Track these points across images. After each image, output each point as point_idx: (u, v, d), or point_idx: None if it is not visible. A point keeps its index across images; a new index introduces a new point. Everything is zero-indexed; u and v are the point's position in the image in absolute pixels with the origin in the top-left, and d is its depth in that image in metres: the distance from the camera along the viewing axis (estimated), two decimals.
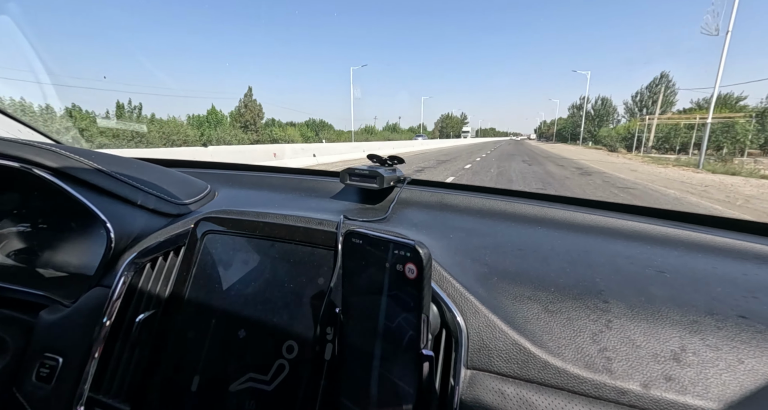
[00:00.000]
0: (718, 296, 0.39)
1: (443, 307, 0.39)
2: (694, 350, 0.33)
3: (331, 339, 0.41)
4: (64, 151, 0.54)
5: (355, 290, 0.35)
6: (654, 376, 0.32)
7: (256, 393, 0.41)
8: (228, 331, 0.44)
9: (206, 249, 0.49)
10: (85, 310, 0.49)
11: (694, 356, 0.33)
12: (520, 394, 0.34)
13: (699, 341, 0.34)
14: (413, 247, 0.30)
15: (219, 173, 0.95)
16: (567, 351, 0.35)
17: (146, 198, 0.57)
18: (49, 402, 0.45)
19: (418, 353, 0.30)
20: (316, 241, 0.45)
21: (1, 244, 0.64)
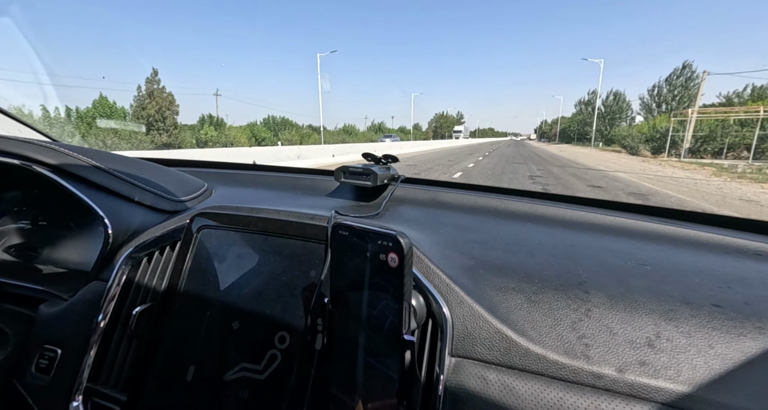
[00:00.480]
0: (695, 287, 0.41)
1: (429, 298, 0.40)
2: (668, 336, 0.35)
3: (322, 330, 0.42)
4: (63, 149, 0.55)
5: (343, 280, 0.36)
6: (629, 361, 0.34)
7: (249, 382, 0.43)
8: (222, 323, 0.46)
9: (201, 243, 0.50)
10: (83, 303, 0.50)
11: (668, 342, 0.34)
12: (502, 380, 0.35)
13: (673, 328, 0.35)
14: (395, 237, 0.31)
15: (216, 172, 0.96)
16: (547, 338, 0.37)
17: (144, 195, 0.59)
18: (48, 392, 0.47)
19: (401, 339, 0.32)
20: (308, 235, 0.47)
21: (1, 240, 0.65)
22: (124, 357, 0.47)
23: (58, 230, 0.65)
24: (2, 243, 0.65)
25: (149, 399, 0.44)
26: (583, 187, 7.06)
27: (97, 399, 0.45)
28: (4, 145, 0.52)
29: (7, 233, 0.66)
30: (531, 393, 0.34)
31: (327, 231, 0.46)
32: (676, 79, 32.40)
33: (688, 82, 31.51)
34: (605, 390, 0.33)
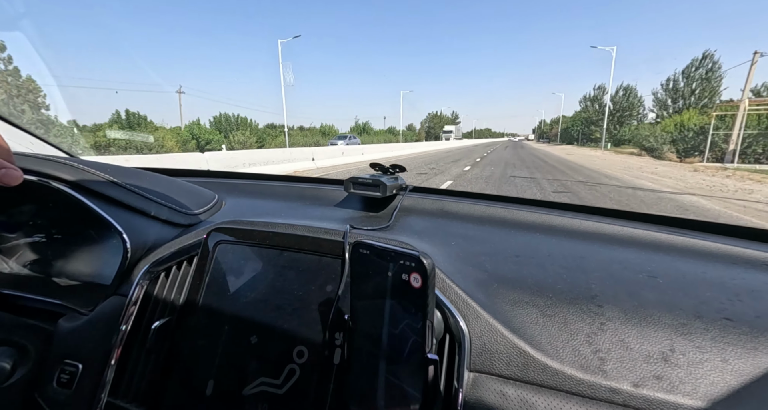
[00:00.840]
0: (706, 300, 0.41)
1: (446, 313, 0.41)
2: (683, 351, 0.35)
3: (340, 344, 0.43)
4: (80, 165, 0.56)
5: (363, 297, 0.37)
6: (645, 376, 0.34)
7: (268, 396, 0.43)
8: (240, 337, 0.46)
9: (218, 258, 0.51)
10: (102, 318, 0.51)
11: (683, 357, 0.35)
12: (521, 395, 0.36)
13: (688, 343, 0.36)
14: (418, 258, 0.32)
15: (224, 182, 0.97)
16: (563, 353, 0.37)
17: (159, 209, 0.60)
18: (69, 406, 0.47)
19: (424, 357, 0.32)
20: (323, 250, 0.48)
21: (18, 255, 0.66)
22: (143, 372, 0.48)
23: (76, 245, 0.66)
24: (19, 257, 0.66)
25: None
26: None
27: None
28: (23, 162, 0.53)
29: (25, 247, 0.67)
30: (551, 407, 0.35)
31: (342, 245, 0.47)
32: (694, 71, 27.68)
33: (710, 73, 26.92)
34: (622, 405, 0.34)
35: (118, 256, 0.54)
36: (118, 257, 0.54)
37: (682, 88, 28.60)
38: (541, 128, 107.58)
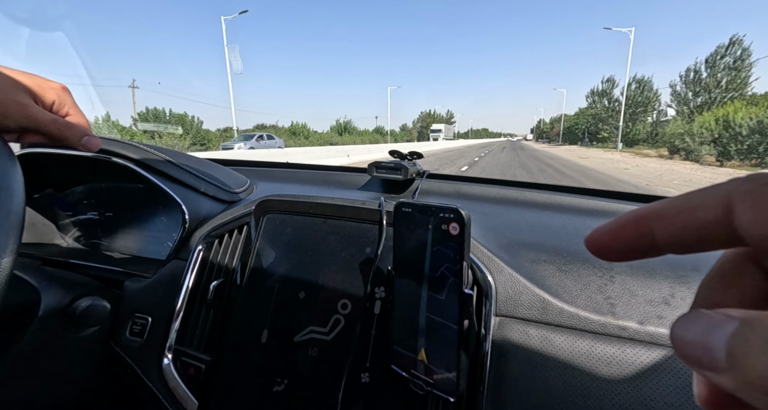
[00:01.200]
0: (703, 257, 0.47)
1: (474, 268, 0.47)
2: (681, 296, 0.41)
3: (380, 298, 0.49)
4: (141, 145, 0.63)
5: (406, 249, 0.43)
6: (648, 316, 0.40)
7: (317, 342, 0.50)
8: (289, 293, 0.53)
9: (266, 226, 0.57)
10: (166, 278, 0.57)
11: (681, 300, 0.41)
12: (541, 333, 0.42)
13: (686, 289, 0.42)
14: (456, 209, 0.38)
15: (250, 169, 1.04)
16: (578, 300, 0.43)
17: (208, 186, 0.66)
18: (142, 352, 0.54)
19: (461, 292, 0.38)
20: (362, 217, 0.54)
21: (75, 231, 0.72)
22: (204, 324, 0.54)
23: (128, 222, 0.73)
24: (76, 233, 0.73)
25: (229, 358, 0.51)
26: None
27: (185, 359, 0.52)
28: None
29: (82, 224, 0.74)
30: (566, 343, 0.41)
31: (380, 213, 0.53)
32: (719, 60, 24.14)
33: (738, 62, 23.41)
34: (629, 339, 0.40)
35: (167, 232, 0.61)
36: (166, 233, 0.61)
37: (705, 78, 24.91)
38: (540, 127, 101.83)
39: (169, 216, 0.72)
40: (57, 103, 0.44)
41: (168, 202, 0.63)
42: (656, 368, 0.37)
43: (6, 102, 0.39)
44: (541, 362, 0.41)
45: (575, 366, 0.40)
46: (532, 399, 0.40)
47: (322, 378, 0.48)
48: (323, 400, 0.47)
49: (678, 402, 0.36)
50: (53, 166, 0.67)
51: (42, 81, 0.43)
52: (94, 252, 0.70)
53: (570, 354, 0.40)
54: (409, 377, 0.43)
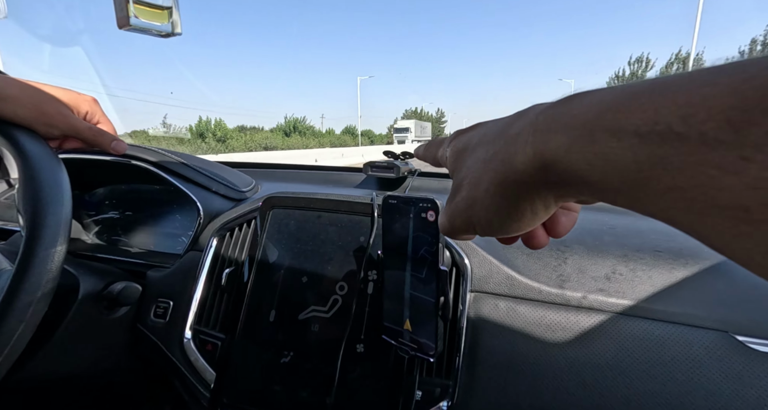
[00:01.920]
0: (648, 240, 0.55)
1: (453, 252, 0.55)
2: (621, 272, 0.49)
3: (372, 279, 0.57)
4: (158, 150, 0.70)
5: (392, 236, 0.51)
6: (592, 289, 0.48)
7: (318, 319, 0.57)
8: (294, 278, 0.60)
9: (272, 220, 0.65)
10: (184, 267, 0.65)
11: (621, 276, 0.49)
12: (509, 305, 0.50)
13: (624, 266, 0.50)
14: (432, 199, 0.46)
15: (256, 171, 1.11)
16: (540, 277, 0.51)
17: (218, 186, 0.74)
18: (165, 331, 0.61)
19: (437, 270, 0.46)
20: (356, 210, 0.61)
21: (97, 229, 0.80)
22: (219, 306, 0.62)
23: (151, 220, 0.81)
24: (98, 230, 0.80)
25: (242, 335, 0.59)
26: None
27: (203, 336, 0.60)
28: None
29: (104, 222, 0.81)
30: (528, 313, 0.49)
31: (371, 207, 0.61)
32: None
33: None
34: (575, 307, 0.47)
35: (182, 229, 0.69)
36: (181, 230, 0.69)
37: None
38: None
39: (183, 215, 0.80)
40: (89, 113, 0.51)
41: (182, 201, 0.71)
42: (596, 330, 0.45)
43: (52, 114, 0.46)
44: (507, 328, 0.49)
45: (535, 331, 0.47)
46: (500, 358, 0.48)
47: (323, 350, 0.55)
48: (324, 369, 0.54)
49: (612, 353, 0.43)
50: (78, 169, 0.75)
51: (76, 94, 0.51)
52: (117, 248, 0.78)
53: (531, 321, 0.48)
54: (397, 344, 0.50)
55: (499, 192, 0.19)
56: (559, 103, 0.17)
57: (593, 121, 0.14)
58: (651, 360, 0.42)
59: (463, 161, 0.23)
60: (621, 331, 0.44)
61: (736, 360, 0.40)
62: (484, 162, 0.20)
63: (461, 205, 0.22)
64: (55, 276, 0.39)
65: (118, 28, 0.54)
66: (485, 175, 0.20)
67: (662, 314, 0.44)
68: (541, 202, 0.19)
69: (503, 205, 0.20)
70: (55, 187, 0.41)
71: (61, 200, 0.41)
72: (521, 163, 0.17)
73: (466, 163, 0.23)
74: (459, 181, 0.23)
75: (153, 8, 0.57)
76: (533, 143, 0.17)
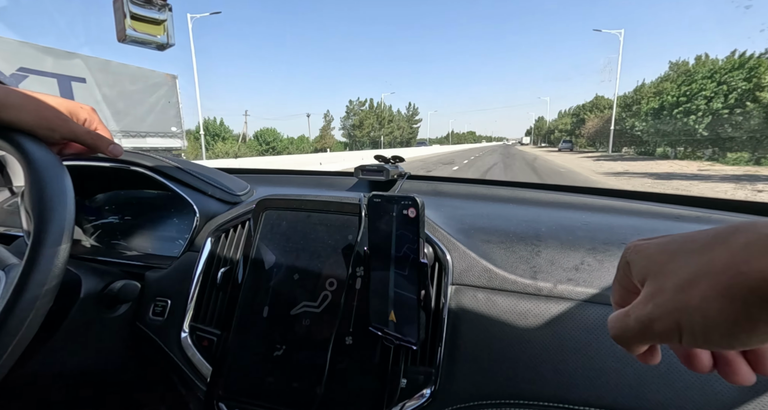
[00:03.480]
0: (617, 236, 0.59)
1: (436, 248, 0.59)
2: (589, 263, 0.53)
3: (360, 275, 0.60)
4: (153, 155, 0.74)
5: (378, 233, 0.54)
6: (561, 279, 0.52)
7: (309, 314, 0.60)
8: (286, 275, 0.63)
9: (265, 221, 0.68)
10: (181, 267, 0.68)
11: (588, 266, 0.52)
12: (487, 296, 0.53)
13: (592, 258, 0.53)
14: (412, 197, 0.49)
15: (251, 176, 1.15)
16: (515, 270, 0.55)
17: (214, 190, 0.77)
18: (163, 328, 0.64)
19: (418, 263, 0.49)
20: (345, 211, 0.65)
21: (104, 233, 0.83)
22: (215, 304, 0.65)
23: (148, 224, 0.84)
24: (97, 234, 0.83)
25: (237, 331, 0.62)
26: None
27: (200, 333, 0.63)
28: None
29: (103, 227, 0.84)
30: (504, 302, 0.52)
31: (359, 207, 0.64)
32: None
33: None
34: (545, 296, 0.51)
35: (179, 232, 0.72)
36: (178, 233, 0.72)
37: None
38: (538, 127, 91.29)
39: (180, 219, 0.83)
40: (88, 120, 0.55)
41: (178, 205, 0.74)
42: (564, 316, 0.48)
43: (53, 119, 0.49)
44: (485, 317, 0.52)
45: (510, 319, 0.51)
46: (478, 345, 0.51)
47: (313, 343, 0.58)
48: (315, 360, 0.57)
49: (579, 337, 0.47)
50: (79, 176, 0.78)
51: (75, 103, 0.54)
52: (116, 251, 0.80)
53: (506, 310, 0.51)
54: (383, 335, 0.54)
55: (720, 300, 0.18)
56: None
57: None
58: (613, 342, 0.45)
59: (660, 266, 0.22)
60: (587, 317, 0.48)
61: None
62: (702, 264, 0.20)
63: (665, 307, 0.21)
64: (59, 272, 0.42)
65: (118, 40, 0.58)
66: (703, 278, 0.19)
67: None
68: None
69: (722, 315, 0.18)
70: (59, 189, 0.44)
71: (65, 201, 0.44)
72: (757, 275, 0.17)
73: (666, 267, 0.22)
74: (659, 285, 0.22)
75: (149, 23, 0.61)
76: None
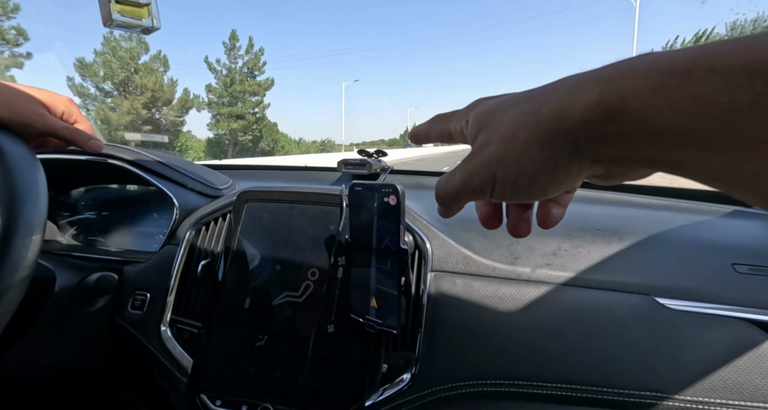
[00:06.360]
0: (590, 222, 0.61)
1: (416, 236, 0.60)
2: (566, 248, 0.55)
3: (342, 265, 0.60)
4: (132, 148, 0.73)
5: (359, 222, 0.55)
6: (539, 264, 0.53)
7: (290, 304, 0.60)
8: (267, 267, 0.63)
9: (246, 213, 0.68)
10: (161, 261, 0.67)
11: (565, 252, 0.54)
12: (465, 282, 0.55)
13: (569, 243, 0.55)
14: (393, 185, 0.50)
15: (234, 172, 1.14)
16: (493, 255, 0.56)
17: (194, 183, 0.76)
18: (143, 322, 0.63)
19: (398, 249, 0.50)
20: (326, 201, 0.65)
21: (73, 229, 0.81)
22: (195, 296, 0.64)
23: (126, 220, 0.82)
24: (74, 231, 0.82)
25: (218, 322, 0.61)
26: None
27: (180, 326, 0.62)
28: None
29: (79, 223, 0.83)
30: (482, 287, 0.53)
31: (341, 197, 0.65)
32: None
33: None
34: (525, 281, 0.53)
35: (158, 227, 0.71)
36: (157, 228, 0.71)
37: None
38: None
39: (160, 213, 0.82)
40: (66, 113, 0.54)
41: (157, 200, 0.73)
42: (541, 299, 0.50)
43: (28, 114, 0.48)
44: (464, 302, 0.53)
45: (488, 303, 0.52)
46: (457, 330, 0.52)
47: (295, 332, 0.59)
48: (298, 349, 0.57)
49: (553, 319, 0.49)
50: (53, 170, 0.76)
51: (52, 94, 0.53)
52: (93, 247, 0.79)
53: (485, 295, 0.53)
54: (364, 321, 0.54)
55: (540, 144, 0.18)
56: (627, 60, 0.16)
57: (692, 61, 0.14)
58: (585, 322, 0.47)
59: (493, 119, 0.21)
60: (562, 299, 0.50)
61: (655, 318, 0.45)
62: (528, 114, 0.19)
63: (487, 161, 0.21)
64: (30, 264, 0.41)
65: (103, 25, 0.57)
66: (526, 127, 0.19)
67: (596, 282, 0.50)
68: (579, 163, 0.18)
69: (539, 160, 0.19)
70: (31, 181, 0.43)
71: (37, 193, 0.43)
72: (578, 114, 0.17)
73: (496, 119, 0.21)
74: (486, 138, 0.21)
75: (134, 6, 0.60)
76: (600, 91, 0.16)
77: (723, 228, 0.59)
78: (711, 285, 0.47)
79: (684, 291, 0.47)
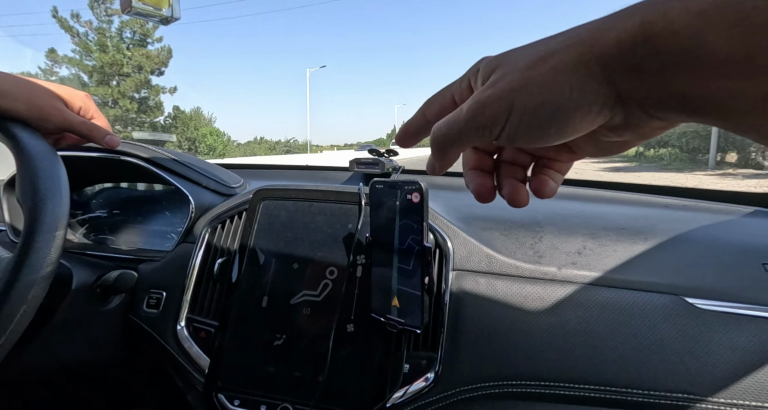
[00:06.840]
0: (613, 221, 0.60)
1: (437, 234, 0.59)
2: (591, 247, 0.54)
3: (361, 263, 0.60)
4: (148, 146, 0.72)
5: (380, 219, 0.54)
6: (565, 263, 0.53)
7: (309, 303, 0.60)
8: (285, 265, 0.63)
9: (263, 211, 0.67)
10: (177, 259, 0.67)
11: (590, 251, 0.54)
12: (488, 281, 0.54)
13: (593, 242, 0.55)
14: (417, 182, 0.49)
15: (243, 171, 1.13)
16: (516, 254, 0.55)
17: (208, 181, 0.76)
18: (159, 321, 0.63)
19: (422, 247, 0.50)
20: (344, 200, 0.65)
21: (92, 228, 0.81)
22: (212, 295, 0.64)
23: (139, 218, 0.82)
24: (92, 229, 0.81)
25: (235, 321, 0.61)
26: None
27: (196, 324, 0.62)
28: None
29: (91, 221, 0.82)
30: (505, 287, 0.53)
31: (358, 196, 0.64)
32: None
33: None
34: (550, 280, 0.52)
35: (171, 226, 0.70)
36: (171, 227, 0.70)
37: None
38: None
39: (173, 212, 0.81)
40: (83, 109, 0.53)
41: (171, 199, 0.73)
42: (567, 299, 0.49)
43: (47, 108, 0.48)
44: (487, 301, 0.53)
45: (512, 302, 0.51)
46: (480, 329, 0.51)
47: (314, 332, 0.58)
48: (316, 349, 0.57)
49: (580, 319, 0.48)
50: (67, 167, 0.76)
51: (70, 90, 0.52)
52: (106, 246, 0.78)
53: (508, 294, 0.52)
54: (385, 321, 0.54)
55: (573, 68, 0.17)
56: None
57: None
58: (612, 322, 0.47)
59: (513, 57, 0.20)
60: (588, 299, 0.49)
61: (685, 319, 0.45)
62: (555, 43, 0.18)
63: (504, 89, 0.19)
64: (54, 260, 0.41)
65: (122, 12, 0.57)
66: (554, 54, 0.17)
67: (624, 282, 0.49)
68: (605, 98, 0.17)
69: (564, 91, 0.17)
70: (53, 177, 0.43)
71: (59, 189, 0.42)
72: (614, 38, 0.15)
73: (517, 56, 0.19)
74: (504, 71, 0.19)
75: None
76: (643, 13, 0.15)
77: (749, 228, 0.58)
78: (742, 285, 0.46)
79: (714, 291, 0.46)
